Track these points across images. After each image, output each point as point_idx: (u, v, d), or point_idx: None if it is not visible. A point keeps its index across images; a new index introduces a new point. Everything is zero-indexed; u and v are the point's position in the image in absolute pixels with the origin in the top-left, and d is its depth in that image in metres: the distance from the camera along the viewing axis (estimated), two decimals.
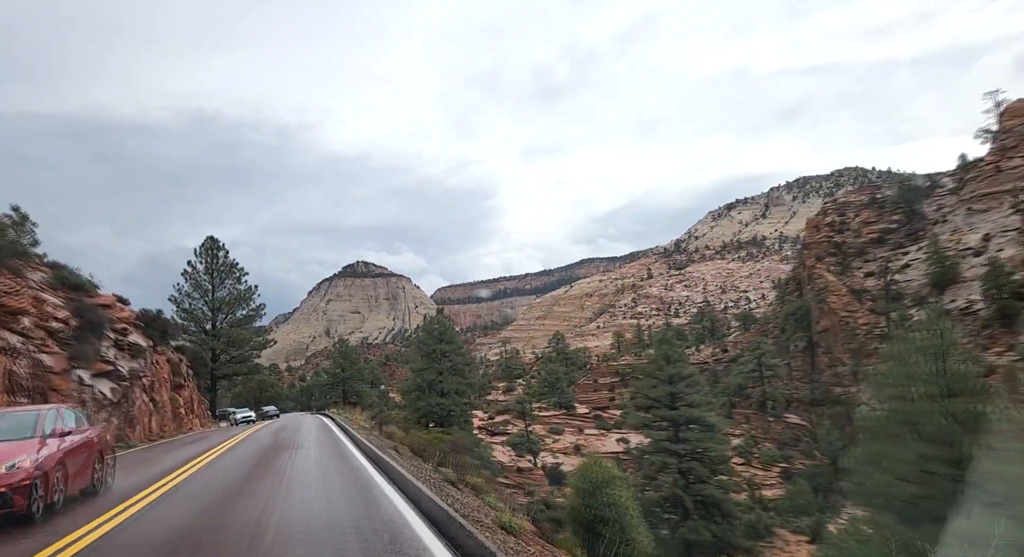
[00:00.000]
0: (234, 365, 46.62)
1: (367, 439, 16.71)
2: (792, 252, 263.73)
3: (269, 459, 13.21)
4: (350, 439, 18.62)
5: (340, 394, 59.56)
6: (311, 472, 11.02)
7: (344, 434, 20.81)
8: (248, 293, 47.21)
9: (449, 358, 48.48)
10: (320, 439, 19.47)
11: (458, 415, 47.59)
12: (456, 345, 48.72)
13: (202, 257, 45.86)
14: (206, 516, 7.37)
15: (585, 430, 67.56)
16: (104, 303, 20.10)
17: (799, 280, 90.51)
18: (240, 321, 46.95)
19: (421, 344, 48.88)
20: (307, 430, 23.99)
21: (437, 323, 49.01)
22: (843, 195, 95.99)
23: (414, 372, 49.01)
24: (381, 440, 17.95)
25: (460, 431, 47.41)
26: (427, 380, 47.67)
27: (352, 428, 22.29)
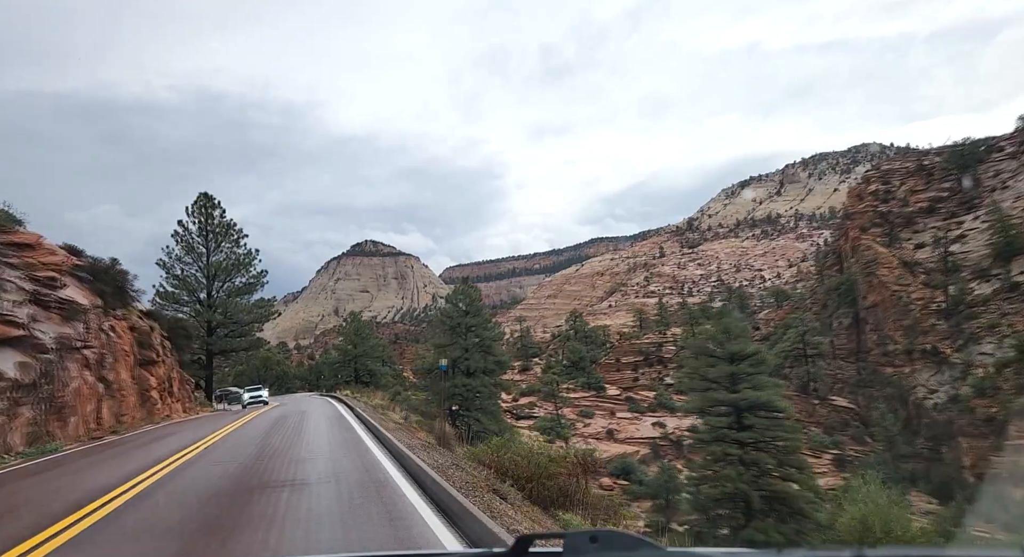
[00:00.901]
0: (232, 340, 40.61)
1: (447, 475, 7.68)
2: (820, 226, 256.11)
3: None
4: (401, 468, 9.23)
5: (352, 373, 53.74)
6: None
7: (381, 446, 12.18)
8: (248, 258, 41.05)
9: (476, 333, 42.37)
10: (341, 460, 10.69)
11: (485, 397, 41.54)
12: (483, 318, 42.54)
13: (195, 216, 39.69)
14: None
15: (617, 413, 61.61)
16: (20, 242, 13.90)
17: (839, 253, 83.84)
18: (239, 290, 40.87)
19: (445, 317, 42.68)
20: (315, 431, 16.08)
21: (463, 294, 42.76)
22: (887, 162, 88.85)
23: (436, 349, 42.89)
24: (473, 474, 8.06)
25: (486, 416, 41.48)
26: (451, 358, 41.60)
27: (386, 429, 14.62)
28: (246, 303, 41.16)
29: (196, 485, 8.78)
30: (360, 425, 16.73)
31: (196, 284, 39.57)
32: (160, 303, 38.23)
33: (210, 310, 39.23)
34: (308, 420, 19.19)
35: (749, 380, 38.33)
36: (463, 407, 41.98)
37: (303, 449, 12.28)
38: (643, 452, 56.30)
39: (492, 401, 41.94)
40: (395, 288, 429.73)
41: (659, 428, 59.45)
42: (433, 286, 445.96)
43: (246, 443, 13.73)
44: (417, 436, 14.57)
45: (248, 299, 41.58)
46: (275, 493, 7.77)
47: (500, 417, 42.21)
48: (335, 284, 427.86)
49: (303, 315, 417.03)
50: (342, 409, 24.17)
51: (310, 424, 17.74)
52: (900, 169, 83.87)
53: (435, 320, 41.83)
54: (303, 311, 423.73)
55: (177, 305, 38.82)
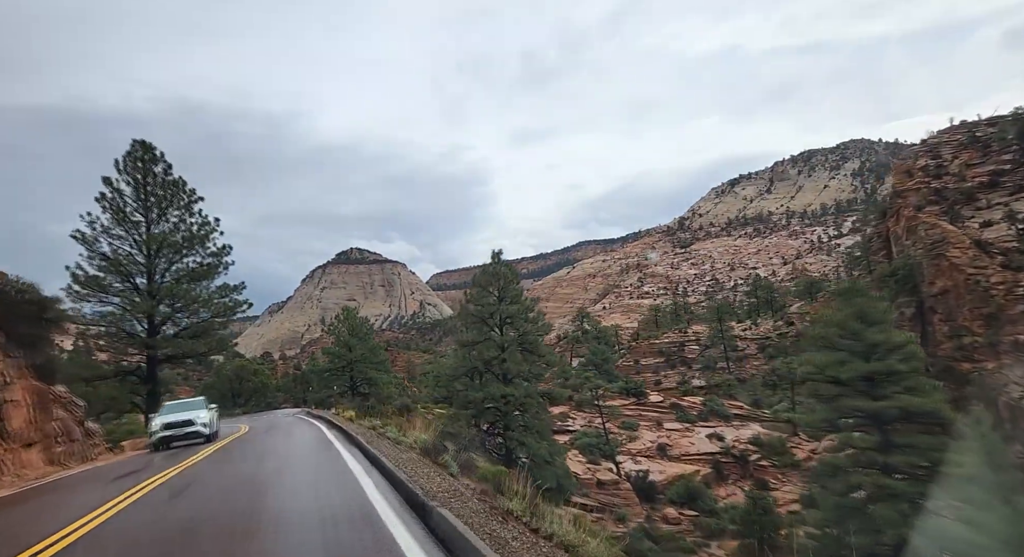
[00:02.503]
0: (185, 341, 28.99)
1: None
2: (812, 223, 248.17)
3: None
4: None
5: (347, 383, 42.32)
6: None
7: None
8: (205, 229, 29.62)
9: (514, 324, 31.30)
10: None
11: (531, 411, 30.37)
12: (524, 306, 31.44)
13: (128, 173, 28.20)
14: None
15: (665, 424, 50.66)
16: None
17: (887, 237, 73.90)
18: (194, 273, 29.38)
19: (474, 304, 31.54)
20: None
21: (494, 275, 31.66)
22: (934, 136, 79.27)
23: (462, 347, 31.66)
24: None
25: (531, 436, 30.31)
26: (483, 359, 30.48)
27: None
28: (204, 291, 29.65)
29: None
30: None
31: (131, 265, 28.05)
32: (78, 292, 26.71)
33: (151, 300, 27.73)
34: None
35: (899, 381, 27.43)
36: (499, 425, 30.86)
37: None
38: (704, 471, 45.39)
39: (540, 417, 30.70)
40: (382, 295, 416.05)
41: (716, 441, 48.56)
42: (421, 293, 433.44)
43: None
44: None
45: (207, 286, 30.07)
46: None
47: (550, 437, 30.99)
48: (321, 293, 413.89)
49: (288, 325, 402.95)
50: (357, 462, 11.58)
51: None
52: (951, 141, 74.01)
53: (462, 311, 29.82)
54: (288, 321, 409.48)
55: (103, 294, 27.28)
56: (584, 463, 41.29)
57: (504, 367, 30.45)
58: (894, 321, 61.47)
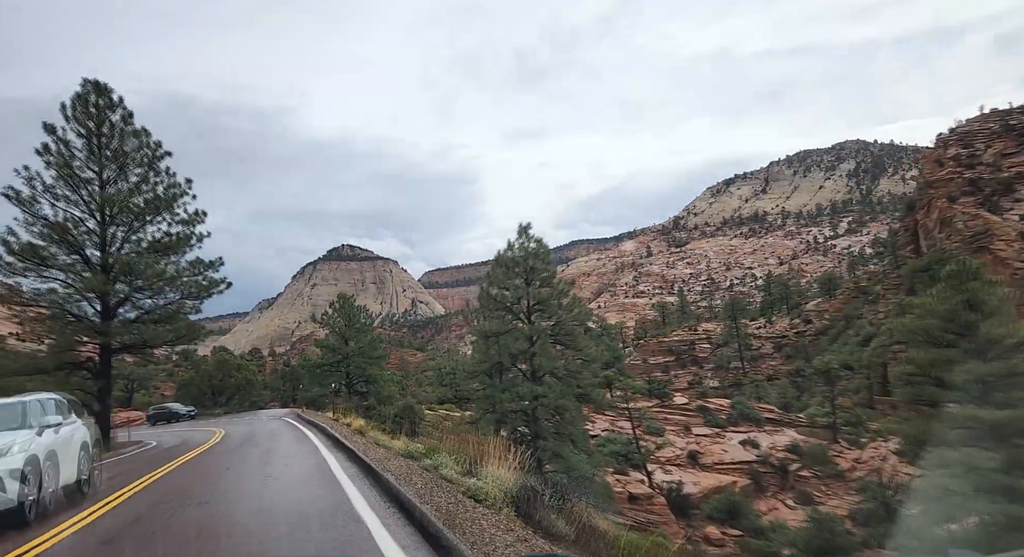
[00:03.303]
0: (147, 328, 23.35)
1: None
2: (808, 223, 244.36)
3: None
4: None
5: (343, 380, 36.80)
6: None
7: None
8: (174, 191, 24.00)
9: (547, 312, 25.99)
10: None
11: (566, 415, 25.01)
12: (558, 291, 26.09)
13: (78, 121, 22.58)
14: None
15: (693, 428, 45.47)
16: None
17: (913, 229, 69.32)
18: (158, 244, 23.80)
19: (498, 288, 26.18)
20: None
21: (523, 254, 26.27)
22: (963, 124, 74.82)
23: (483, 339, 26.23)
24: None
25: (562, 443, 25.00)
26: (509, 353, 25.11)
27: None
28: (171, 266, 24.04)
29: None
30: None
31: (80, 233, 22.41)
32: (10, 264, 21.17)
33: (105, 275, 22.08)
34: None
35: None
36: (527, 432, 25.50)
37: None
38: (741, 482, 40.24)
39: (575, 424, 25.33)
40: (374, 293, 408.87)
41: (751, 448, 43.43)
42: (412, 290, 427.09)
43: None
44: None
45: (177, 260, 24.46)
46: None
47: (587, 445, 25.60)
48: (312, 290, 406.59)
49: (278, 322, 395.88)
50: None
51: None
52: (983, 130, 69.44)
53: (482, 297, 23.82)
54: (278, 318, 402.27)
55: (43, 267, 21.67)
56: (611, 473, 35.94)
57: (535, 363, 25.08)
58: None
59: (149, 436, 29.20)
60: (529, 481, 6.94)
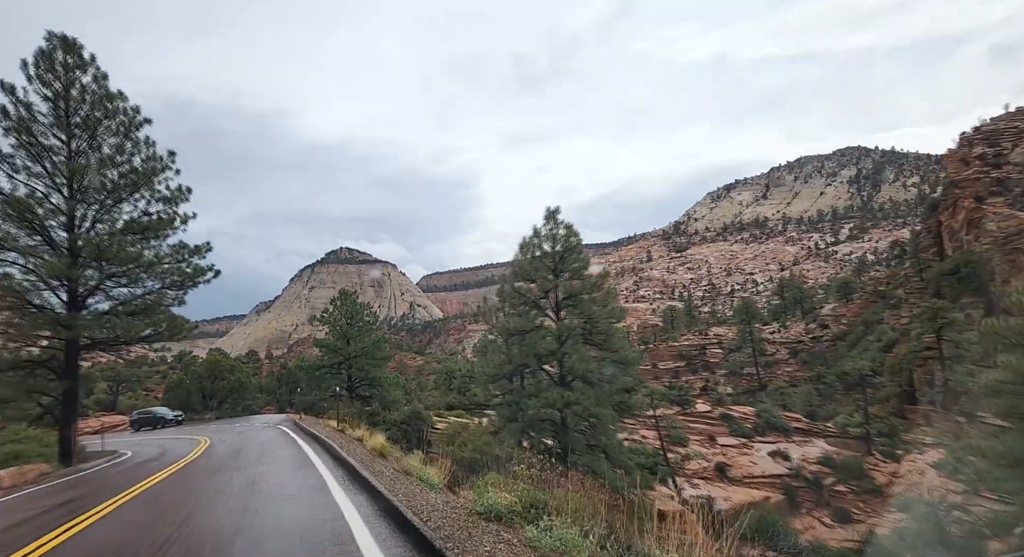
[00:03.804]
0: (120, 321, 20.02)
1: None
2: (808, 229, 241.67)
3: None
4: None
5: (344, 383, 33.45)
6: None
7: None
8: (153, 164, 20.71)
9: (579, 308, 22.85)
10: None
11: (600, 425, 21.73)
12: (591, 284, 22.93)
13: (42, 80, 19.34)
14: None
15: (718, 438, 42.19)
16: None
17: (936, 231, 66.24)
18: (134, 225, 20.52)
19: (523, 279, 22.98)
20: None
21: (551, 238, 23.13)
22: (987, 123, 71.97)
23: (506, 338, 22.99)
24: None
25: (594, 457, 21.74)
26: (536, 354, 21.92)
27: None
28: (151, 250, 20.73)
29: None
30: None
31: (44, 210, 19.12)
32: None
33: (72, 259, 18.79)
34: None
35: None
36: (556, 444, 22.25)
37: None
38: (774, 498, 36.98)
39: (610, 435, 22.07)
40: (372, 296, 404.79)
41: (781, 460, 40.18)
42: (411, 294, 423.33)
43: None
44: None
45: (158, 244, 21.14)
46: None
47: (625, 459, 22.29)
48: (310, 292, 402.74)
49: (276, 324, 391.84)
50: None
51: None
52: (1008, 129, 66.52)
53: (502, 291, 20.21)
54: (276, 320, 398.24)
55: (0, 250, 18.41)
56: (633, 489, 32.66)
57: (566, 365, 21.83)
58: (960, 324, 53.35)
59: (127, 445, 25.86)
60: None
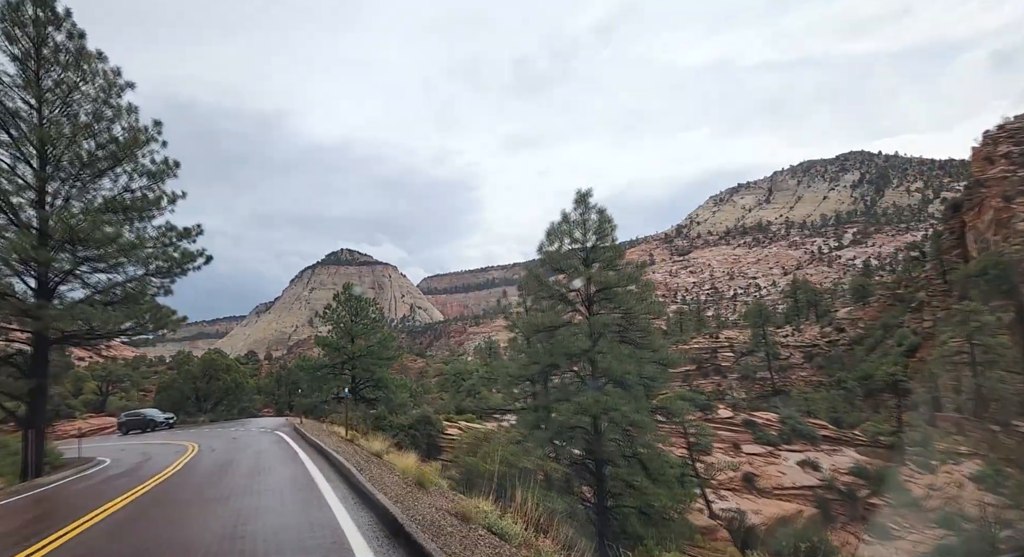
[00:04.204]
0: (96, 311, 17.39)
1: None
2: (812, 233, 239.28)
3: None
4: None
5: (347, 383, 30.83)
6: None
7: None
8: (136, 134, 18.18)
9: (614, 302, 20.33)
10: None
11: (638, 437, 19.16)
12: (627, 275, 20.37)
13: (8, 38, 16.86)
14: None
15: (742, 446, 39.61)
16: None
17: (960, 232, 63.75)
18: (115, 202, 18.05)
19: (551, 266, 20.48)
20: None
21: (581, 225, 20.63)
22: (1012, 122, 69.52)
23: (532, 333, 20.44)
24: None
25: (632, 472, 19.23)
26: (566, 353, 19.39)
27: None
28: (134, 231, 18.20)
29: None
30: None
31: (9, 183, 16.62)
32: None
33: (41, 240, 16.24)
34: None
35: None
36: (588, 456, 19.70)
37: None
38: (807, 511, 34.37)
39: (651, 447, 19.48)
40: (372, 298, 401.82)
41: (811, 471, 37.57)
42: (411, 296, 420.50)
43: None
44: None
45: (142, 226, 18.60)
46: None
47: (667, 473, 19.64)
48: (310, 293, 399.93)
49: (276, 326, 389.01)
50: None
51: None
52: None
53: (526, 282, 17.38)
54: (276, 322, 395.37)
55: None
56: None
57: (600, 365, 19.26)
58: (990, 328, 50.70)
59: (108, 451, 23.25)
60: None
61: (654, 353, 20.04)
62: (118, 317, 17.72)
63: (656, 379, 19.72)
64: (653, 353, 20.03)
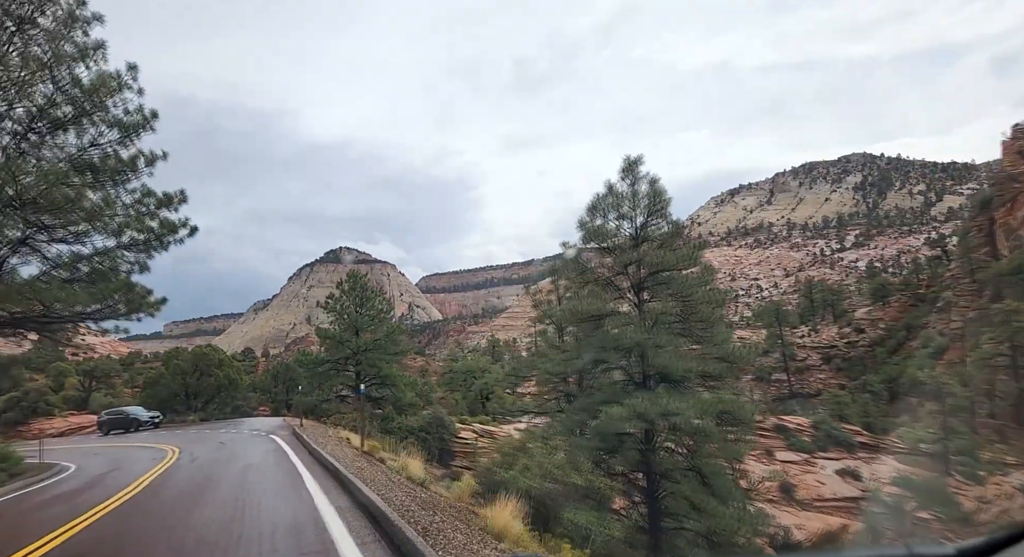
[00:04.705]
0: (53, 290, 14.20)
1: None
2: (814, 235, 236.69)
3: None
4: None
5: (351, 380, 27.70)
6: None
7: None
8: (109, 80, 14.93)
9: (670, 288, 17.28)
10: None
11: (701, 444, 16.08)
12: (684, 256, 17.27)
13: None
14: None
15: (776, 453, 36.59)
16: None
17: (988, 229, 60.87)
18: (80, 161, 14.82)
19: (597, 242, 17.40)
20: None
21: (630, 197, 17.56)
22: None
23: (577, 322, 17.35)
24: None
25: (691, 485, 16.16)
26: (617, 347, 16.33)
27: None
28: (102, 195, 15.02)
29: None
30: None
31: None
32: None
33: None
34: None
35: None
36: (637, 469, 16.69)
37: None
38: (852, 525, 31.34)
39: (710, 456, 16.42)
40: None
41: (851, 480, 34.56)
42: (410, 295, 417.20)
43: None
44: None
45: (115, 191, 15.43)
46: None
47: (735, 491, 16.61)
48: (308, 291, 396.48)
49: (273, 323, 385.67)
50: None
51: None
52: None
53: (566, 266, 13.97)
54: (273, 319, 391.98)
55: None
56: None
57: (659, 362, 16.19)
58: None
59: (78, 455, 20.09)
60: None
61: (716, 348, 16.94)
62: (81, 297, 14.54)
63: (722, 378, 16.65)
64: (715, 348, 16.94)
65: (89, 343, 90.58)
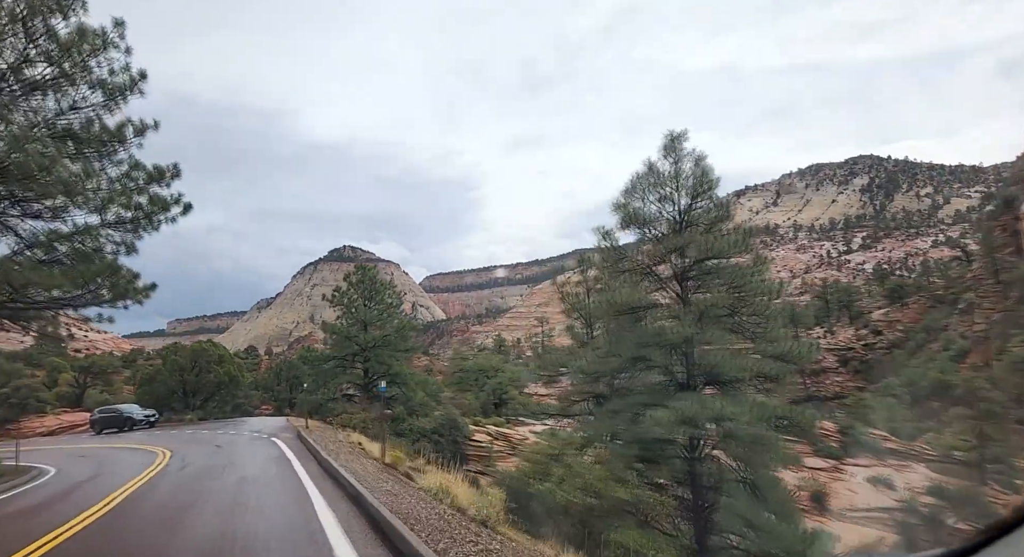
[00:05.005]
0: (28, 271, 12.42)
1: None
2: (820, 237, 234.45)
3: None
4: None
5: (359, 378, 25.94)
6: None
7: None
8: (92, 36, 13.10)
9: (719, 277, 15.38)
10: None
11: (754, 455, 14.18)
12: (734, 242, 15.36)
13: None
14: None
15: (803, 459, 34.59)
16: None
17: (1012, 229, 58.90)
18: (58, 128, 12.96)
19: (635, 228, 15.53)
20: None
21: (672, 177, 15.69)
22: None
23: (615, 316, 15.48)
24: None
25: (744, 495, 14.25)
26: (661, 342, 14.48)
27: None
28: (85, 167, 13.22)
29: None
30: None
31: None
32: None
33: None
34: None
35: None
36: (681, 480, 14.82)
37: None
38: (887, 537, 29.42)
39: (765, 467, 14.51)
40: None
41: (884, 489, 32.65)
42: (413, 294, 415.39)
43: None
44: None
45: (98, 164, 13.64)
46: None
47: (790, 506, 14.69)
48: (312, 290, 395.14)
49: (277, 321, 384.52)
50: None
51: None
52: None
53: (596, 256, 12.01)
54: (277, 317, 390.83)
55: None
56: None
57: (707, 362, 14.39)
58: None
59: (61, 457, 18.32)
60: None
61: (771, 345, 15.06)
62: (58, 279, 12.78)
63: (780, 380, 14.81)
64: (770, 345, 15.06)
65: (91, 339, 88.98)
